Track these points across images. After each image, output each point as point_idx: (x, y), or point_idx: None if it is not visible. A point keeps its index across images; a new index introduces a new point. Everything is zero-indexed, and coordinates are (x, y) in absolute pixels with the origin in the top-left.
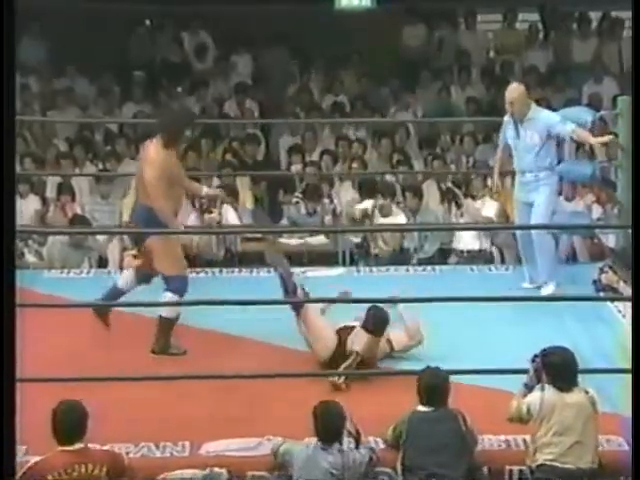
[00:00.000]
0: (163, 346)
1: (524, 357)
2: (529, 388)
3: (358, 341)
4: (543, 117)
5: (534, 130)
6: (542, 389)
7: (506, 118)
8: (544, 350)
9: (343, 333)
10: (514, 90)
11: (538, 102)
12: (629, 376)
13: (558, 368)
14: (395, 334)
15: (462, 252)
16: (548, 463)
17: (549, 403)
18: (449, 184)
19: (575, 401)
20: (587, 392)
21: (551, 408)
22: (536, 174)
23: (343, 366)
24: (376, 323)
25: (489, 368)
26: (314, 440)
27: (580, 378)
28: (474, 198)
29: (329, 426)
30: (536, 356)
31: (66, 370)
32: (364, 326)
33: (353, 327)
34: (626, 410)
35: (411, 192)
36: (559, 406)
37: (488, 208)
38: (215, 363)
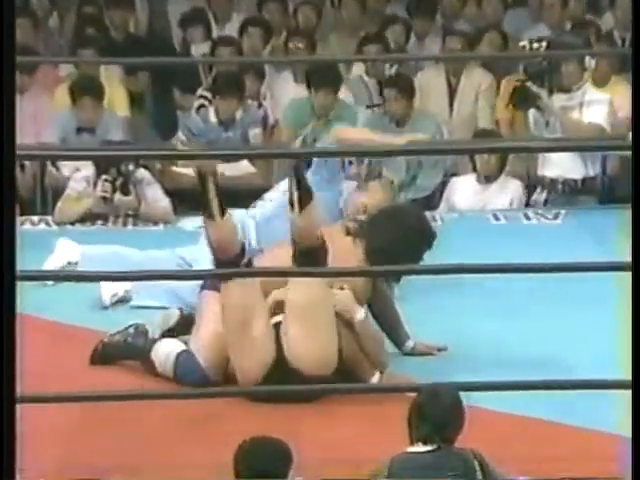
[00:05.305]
0: None
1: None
2: None
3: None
4: None
5: None
6: None
7: None
8: None
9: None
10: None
11: None
12: None
13: None
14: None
15: (552, 181)
16: None
17: None
18: (511, 77)
19: None
20: None
21: None
22: None
23: None
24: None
25: (521, 381)
26: None
27: None
28: (566, 92)
29: (260, 475)
30: None
31: None
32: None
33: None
34: None
35: (393, 87)
36: None
37: (593, 110)
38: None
